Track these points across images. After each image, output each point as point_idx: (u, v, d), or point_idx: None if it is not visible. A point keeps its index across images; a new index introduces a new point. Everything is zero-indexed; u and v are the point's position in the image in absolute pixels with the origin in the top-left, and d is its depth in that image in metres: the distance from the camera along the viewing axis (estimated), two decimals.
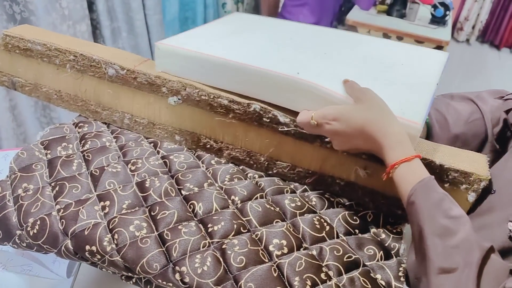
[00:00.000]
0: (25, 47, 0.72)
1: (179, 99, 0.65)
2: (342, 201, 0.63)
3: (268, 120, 0.60)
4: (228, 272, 0.50)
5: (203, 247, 0.52)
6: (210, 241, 0.53)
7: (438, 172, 0.55)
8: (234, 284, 0.49)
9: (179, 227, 0.54)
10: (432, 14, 2.06)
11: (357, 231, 0.58)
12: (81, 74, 0.72)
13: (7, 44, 0.73)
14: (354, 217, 0.59)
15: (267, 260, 0.51)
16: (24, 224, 0.56)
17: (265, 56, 0.62)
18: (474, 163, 0.55)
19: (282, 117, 0.59)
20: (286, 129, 0.60)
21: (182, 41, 0.65)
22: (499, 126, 0.65)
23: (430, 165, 0.55)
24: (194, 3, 2.02)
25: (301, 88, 0.56)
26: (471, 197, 0.54)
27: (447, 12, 2.03)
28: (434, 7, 2.04)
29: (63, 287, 0.65)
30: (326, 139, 0.58)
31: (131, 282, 0.57)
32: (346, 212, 0.60)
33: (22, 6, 1.22)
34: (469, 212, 0.54)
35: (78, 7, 1.37)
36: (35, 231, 0.55)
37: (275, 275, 0.50)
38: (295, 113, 0.58)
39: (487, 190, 0.53)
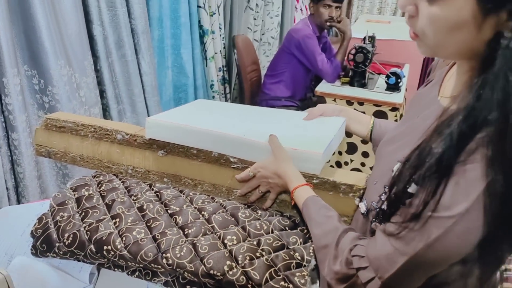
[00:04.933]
0: (60, 125, 1.04)
1: (165, 151, 0.96)
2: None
3: (224, 161, 0.90)
4: (197, 256, 0.77)
5: (181, 243, 0.80)
6: (186, 239, 0.80)
7: (334, 186, 0.84)
8: (200, 262, 0.76)
9: (166, 231, 0.82)
10: (386, 83, 2.45)
11: (287, 228, 0.85)
12: (98, 141, 1.03)
13: (47, 124, 1.06)
14: (286, 220, 0.87)
15: (222, 249, 0.78)
16: (62, 238, 0.84)
17: (225, 126, 0.94)
18: (356, 178, 0.84)
19: (232, 158, 0.89)
20: (236, 165, 0.90)
21: (166, 117, 0.97)
22: None
23: (328, 182, 0.84)
24: (186, 86, 2.43)
25: (246, 143, 0.87)
26: (356, 201, 0.83)
27: (399, 80, 2.42)
28: (387, 76, 2.43)
29: None
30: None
31: (135, 275, 0.83)
32: (281, 218, 0.88)
33: (50, 97, 1.59)
34: None
35: (93, 95, 1.75)
36: (69, 241, 0.83)
37: (227, 255, 0.76)
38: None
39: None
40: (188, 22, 2.39)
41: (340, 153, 2.48)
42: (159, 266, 0.77)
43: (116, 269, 0.85)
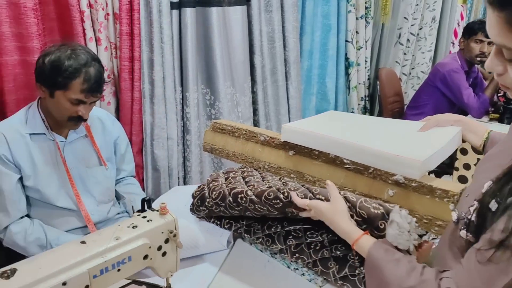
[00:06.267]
0: (222, 128, 1.40)
1: (294, 152, 1.21)
2: None
3: (339, 162, 1.11)
4: (309, 191, 1.00)
5: (299, 189, 1.02)
6: (303, 188, 1.02)
7: (431, 190, 0.95)
8: (309, 192, 0.98)
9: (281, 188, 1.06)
10: None
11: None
12: (247, 141, 1.35)
13: (214, 127, 1.42)
14: None
15: None
16: (211, 195, 1.15)
17: (343, 133, 1.14)
18: (453, 186, 0.94)
19: (346, 160, 1.09)
20: (348, 166, 1.09)
21: (298, 124, 1.22)
22: None
23: (426, 186, 0.96)
24: (327, 110, 2.68)
25: (357, 148, 1.06)
26: (451, 206, 0.93)
27: None
28: None
29: (224, 252, 1.20)
30: (370, 170, 1.05)
31: (259, 242, 1.09)
32: None
33: (216, 110, 2.04)
34: None
35: (247, 112, 2.14)
36: (215, 195, 1.13)
37: None
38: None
39: None
40: (335, 54, 2.66)
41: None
42: (278, 201, 1.00)
43: (245, 235, 1.12)
